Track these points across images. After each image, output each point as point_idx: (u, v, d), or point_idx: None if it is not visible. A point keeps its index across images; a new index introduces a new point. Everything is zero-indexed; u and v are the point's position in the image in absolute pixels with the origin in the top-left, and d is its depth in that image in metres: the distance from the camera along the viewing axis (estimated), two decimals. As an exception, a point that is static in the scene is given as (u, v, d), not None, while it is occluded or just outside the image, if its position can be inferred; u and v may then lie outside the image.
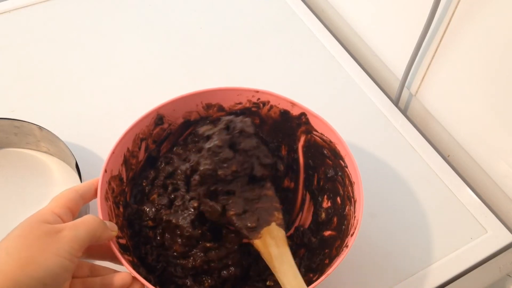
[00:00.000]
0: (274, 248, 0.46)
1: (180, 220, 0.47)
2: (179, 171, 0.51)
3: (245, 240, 0.48)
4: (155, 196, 0.51)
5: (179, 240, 0.47)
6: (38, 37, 0.72)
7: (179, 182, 0.51)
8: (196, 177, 0.47)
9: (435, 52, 0.61)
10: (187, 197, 0.49)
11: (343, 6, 0.76)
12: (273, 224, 0.47)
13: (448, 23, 0.57)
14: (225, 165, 0.47)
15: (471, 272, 0.54)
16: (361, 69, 0.73)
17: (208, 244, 0.47)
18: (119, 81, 0.68)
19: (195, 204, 0.48)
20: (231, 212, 0.47)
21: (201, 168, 0.47)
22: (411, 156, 0.63)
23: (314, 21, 0.78)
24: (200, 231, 0.47)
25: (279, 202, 0.49)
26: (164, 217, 0.48)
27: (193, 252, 0.47)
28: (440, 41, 0.59)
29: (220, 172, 0.46)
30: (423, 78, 0.64)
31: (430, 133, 0.68)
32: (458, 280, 0.54)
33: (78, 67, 0.69)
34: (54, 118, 0.62)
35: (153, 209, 0.50)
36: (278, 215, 0.48)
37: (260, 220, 0.47)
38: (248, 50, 0.73)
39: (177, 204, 0.49)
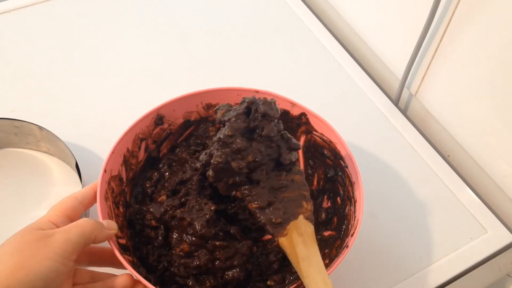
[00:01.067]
0: (302, 247, 0.42)
1: (195, 219, 0.47)
2: (194, 179, 0.51)
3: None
4: (163, 197, 0.51)
5: (188, 238, 0.47)
6: (38, 37, 0.72)
7: (190, 190, 0.51)
8: (210, 172, 0.44)
9: (435, 52, 0.61)
10: (202, 201, 0.49)
11: (343, 6, 0.76)
12: (301, 218, 0.43)
13: (448, 23, 0.57)
14: (239, 156, 0.42)
15: (471, 272, 0.54)
16: (361, 69, 0.72)
17: (218, 243, 0.47)
18: (119, 81, 0.68)
19: (212, 208, 0.48)
20: (254, 205, 0.43)
21: (213, 161, 0.43)
22: (411, 156, 0.63)
23: (314, 21, 0.78)
24: (213, 232, 0.47)
25: (308, 189, 0.45)
26: (178, 215, 0.48)
27: (199, 252, 0.47)
28: (440, 41, 0.59)
29: (234, 165, 0.42)
30: (423, 78, 0.64)
31: (430, 133, 0.68)
32: (458, 280, 0.54)
33: (78, 67, 0.69)
34: (54, 118, 0.62)
35: (161, 209, 0.49)
36: (307, 205, 0.44)
37: (286, 214, 0.43)
38: (248, 50, 0.73)
39: (190, 205, 0.49)
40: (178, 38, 0.74)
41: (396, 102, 0.70)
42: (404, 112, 0.70)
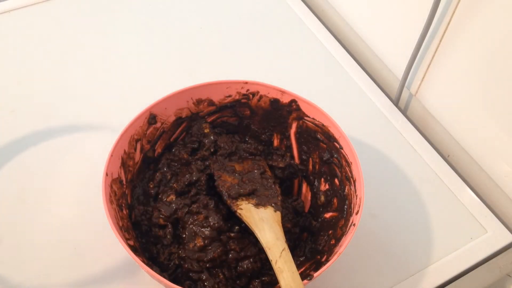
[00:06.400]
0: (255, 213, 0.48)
1: (211, 213, 0.49)
2: (202, 180, 0.53)
3: None
4: (172, 197, 0.51)
5: (203, 233, 0.48)
6: (38, 37, 0.72)
7: (200, 191, 0.52)
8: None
9: (435, 52, 0.61)
10: (214, 198, 0.51)
11: (344, 6, 0.76)
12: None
13: (448, 23, 0.57)
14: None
15: (471, 272, 0.54)
16: (361, 69, 0.72)
17: (232, 234, 0.48)
18: (119, 80, 0.68)
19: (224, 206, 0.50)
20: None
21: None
22: (411, 156, 0.63)
23: (314, 21, 0.78)
24: (229, 224, 0.49)
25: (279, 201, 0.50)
26: (195, 209, 0.49)
27: (212, 245, 0.48)
28: (440, 41, 0.59)
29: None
30: (423, 78, 0.64)
31: (430, 133, 0.68)
32: (458, 280, 0.54)
33: (78, 67, 0.69)
34: (53, 118, 0.62)
35: (171, 208, 0.50)
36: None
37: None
38: (248, 50, 0.73)
39: (204, 202, 0.50)
40: (177, 38, 0.74)
41: (396, 102, 0.70)
42: (404, 112, 0.70)
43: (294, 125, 0.56)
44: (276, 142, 0.58)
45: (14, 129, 0.61)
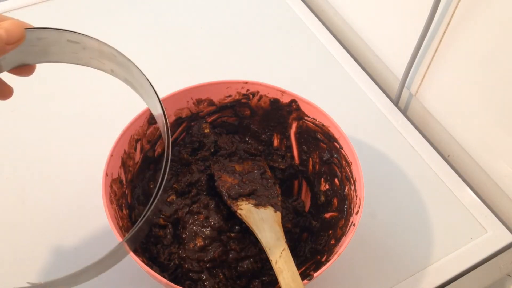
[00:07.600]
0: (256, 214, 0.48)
1: (212, 213, 0.49)
2: (202, 181, 0.53)
3: None
4: (173, 197, 0.52)
5: (203, 233, 0.48)
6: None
7: (200, 191, 0.52)
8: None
9: (435, 52, 0.61)
10: (214, 199, 0.51)
11: (344, 7, 0.76)
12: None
13: (448, 23, 0.57)
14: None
15: (471, 272, 0.54)
16: (361, 69, 0.72)
17: (233, 234, 0.49)
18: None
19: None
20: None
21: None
22: (411, 156, 0.63)
23: (314, 21, 0.78)
24: (229, 224, 0.49)
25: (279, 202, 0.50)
26: (195, 209, 0.50)
27: (212, 245, 0.48)
28: (440, 41, 0.59)
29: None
30: (423, 78, 0.64)
31: (430, 133, 0.68)
32: (458, 280, 0.54)
33: (78, 67, 0.69)
34: (54, 118, 0.62)
35: (172, 208, 0.50)
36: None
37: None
38: (248, 50, 0.73)
39: (205, 202, 0.50)
40: (178, 38, 0.74)
41: (396, 102, 0.70)
42: (404, 112, 0.70)
43: (294, 125, 0.56)
44: (276, 142, 0.58)
45: (14, 129, 0.61)
